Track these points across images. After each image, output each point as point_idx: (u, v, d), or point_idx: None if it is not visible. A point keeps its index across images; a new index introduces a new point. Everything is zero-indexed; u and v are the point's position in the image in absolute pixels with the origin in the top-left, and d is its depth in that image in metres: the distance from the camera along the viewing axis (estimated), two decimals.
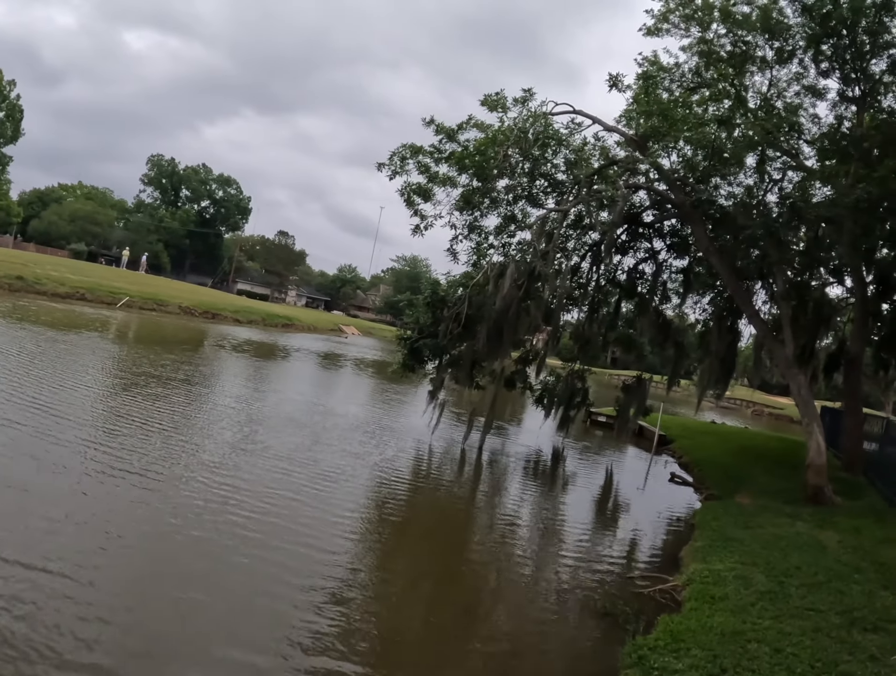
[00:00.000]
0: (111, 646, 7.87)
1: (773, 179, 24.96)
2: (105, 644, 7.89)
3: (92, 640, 7.90)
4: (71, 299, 54.28)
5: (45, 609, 8.27)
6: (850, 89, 23.35)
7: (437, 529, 15.95)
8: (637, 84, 24.53)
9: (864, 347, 27.70)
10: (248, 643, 8.74)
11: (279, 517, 13.42)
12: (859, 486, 23.26)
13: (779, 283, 23.53)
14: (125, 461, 14.88)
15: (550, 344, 28.15)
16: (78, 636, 7.93)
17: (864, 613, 10.55)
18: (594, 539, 17.33)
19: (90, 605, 8.67)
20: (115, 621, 8.42)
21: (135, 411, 20.03)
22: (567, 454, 29.13)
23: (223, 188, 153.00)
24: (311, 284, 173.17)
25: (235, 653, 8.41)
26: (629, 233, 28.83)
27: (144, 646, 8.08)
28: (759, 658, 8.77)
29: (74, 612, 8.38)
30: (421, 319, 25.27)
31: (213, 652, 8.41)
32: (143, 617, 8.71)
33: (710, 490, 23.19)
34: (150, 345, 38.92)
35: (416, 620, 10.55)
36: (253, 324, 71.75)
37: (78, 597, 8.74)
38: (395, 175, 25.19)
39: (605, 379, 77.15)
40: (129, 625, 8.43)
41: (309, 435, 21.97)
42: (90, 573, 9.45)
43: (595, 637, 10.92)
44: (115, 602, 8.90)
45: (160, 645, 8.20)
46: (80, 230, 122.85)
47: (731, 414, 70.59)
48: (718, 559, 13.44)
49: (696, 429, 39.71)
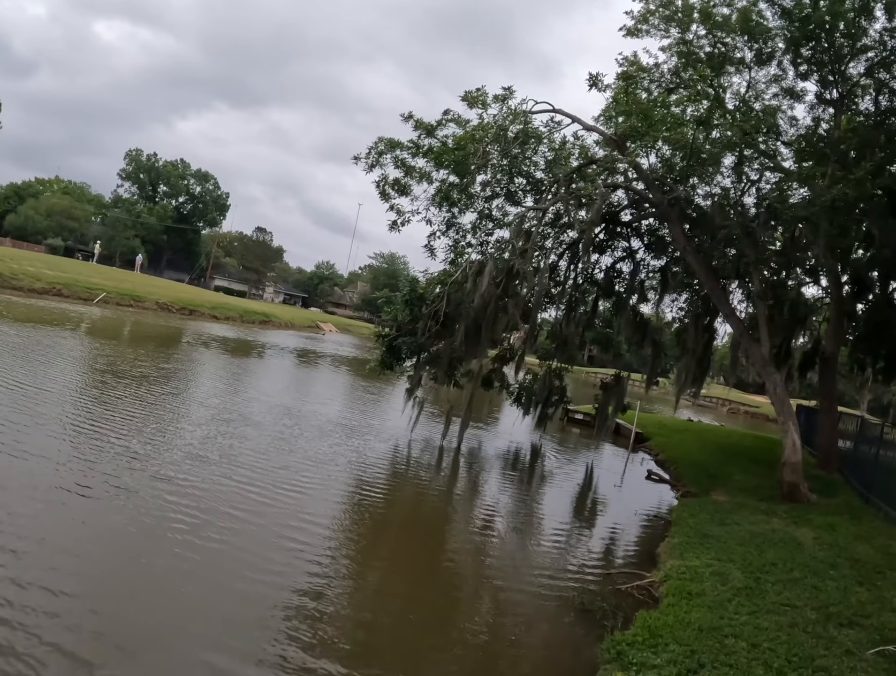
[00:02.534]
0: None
1: (751, 180, 25.09)
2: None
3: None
4: (47, 294, 53.70)
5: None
6: (827, 92, 23.55)
7: (415, 526, 15.98)
8: (616, 84, 24.60)
9: (840, 346, 27.94)
10: (223, 643, 8.75)
11: (252, 514, 13.41)
12: (834, 484, 23.48)
13: (755, 282, 23.69)
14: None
15: (528, 342, 28.17)
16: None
17: (839, 608, 10.69)
18: (572, 536, 17.42)
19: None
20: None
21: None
22: (545, 451, 29.23)
23: (201, 184, 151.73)
24: (289, 280, 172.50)
25: (212, 655, 8.41)
26: (607, 232, 28.93)
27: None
28: (736, 652, 8.87)
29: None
30: (399, 316, 25.21)
31: (186, 654, 8.40)
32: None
33: (686, 488, 23.35)
34: (124, 342, 38.64)
35: (394, 617, 10.54)
36: (230, 321, 71.38)
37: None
38: (371, 168, 25.21)
39: (583, 377, 77.41)
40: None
41: (284, 432, 21.90)
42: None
43: (573, 632, 10.97)
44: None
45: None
46: (56, 225, 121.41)
47: (707, 412, 71.03)
48: (695, 555, 13.55)
49: (673, 427, 39.92)
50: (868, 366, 32.94)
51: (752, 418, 74.08)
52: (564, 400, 30.68)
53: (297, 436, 21.68)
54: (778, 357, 25.48)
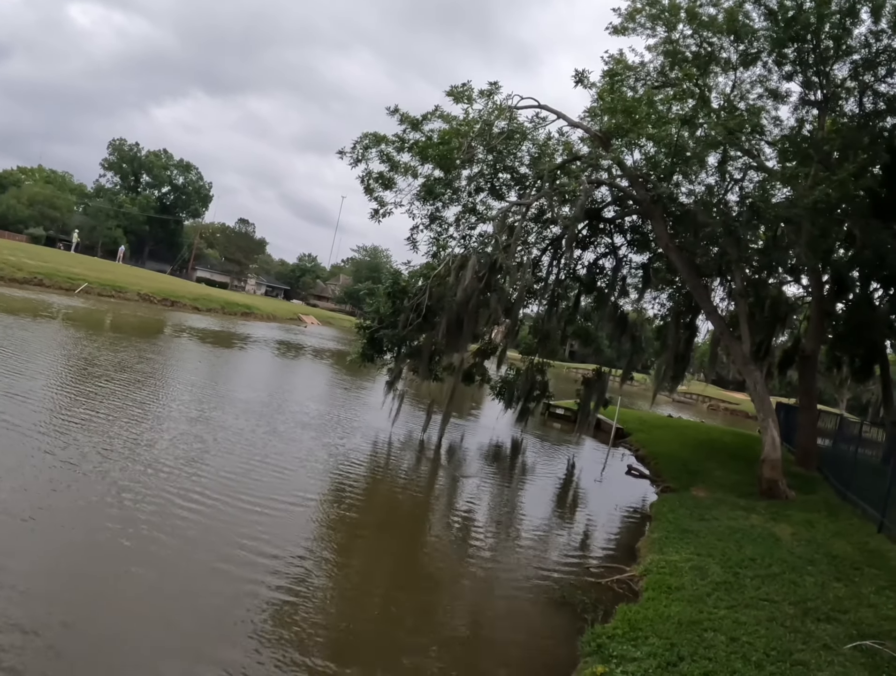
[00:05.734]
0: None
1: (734, 179, 25.26)
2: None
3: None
4: (28, 284, 53.26)
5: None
6: (812, 93, 23.76)
7: (395, 520, 15.99)
8: (602, 81, 24.67)
9: (820, 345, 28.18)
10: (203, 638, 8.80)
11: (227, 506, 13.44)
12: (813, 481, 23.70)
13: (737, 280, 23.87)
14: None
15: (510, 337, 28.22)
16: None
17: (817, 603, 10.82)
18: (552, 530, 17.52)
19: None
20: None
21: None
22: (526, 445, 29.31)
23: (184, 174, 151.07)
24: (271, 272, 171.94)
25: (191, 649, 8.46)
26: (590, 228, 29.00)
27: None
28: (715, 646, 8.96)
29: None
30: (381, 309, 25.15)
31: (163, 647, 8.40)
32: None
33: (666, 483, 23.49)
34: (103, 334, 38.39)
35: (374, 611, 10.59)
36: (212, 312, 71.02)
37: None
38: (357, 163, 25.16)
39: (564, 372, 77.44)
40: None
41: (263, 425, 21.90)
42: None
43: (554, 626, 11.05)
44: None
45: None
46: (38, 215, 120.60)
47: (687, 409, 71.29)
48: (675, 550, 13.67)
49: (653, 423, 40.12)
50: (845, 364, 33.22)
51: (732, 415, 74.38)
52: (546, 395, 30.76)
53: (273, 431, 21.48)
54: (758, 355, 25.68)
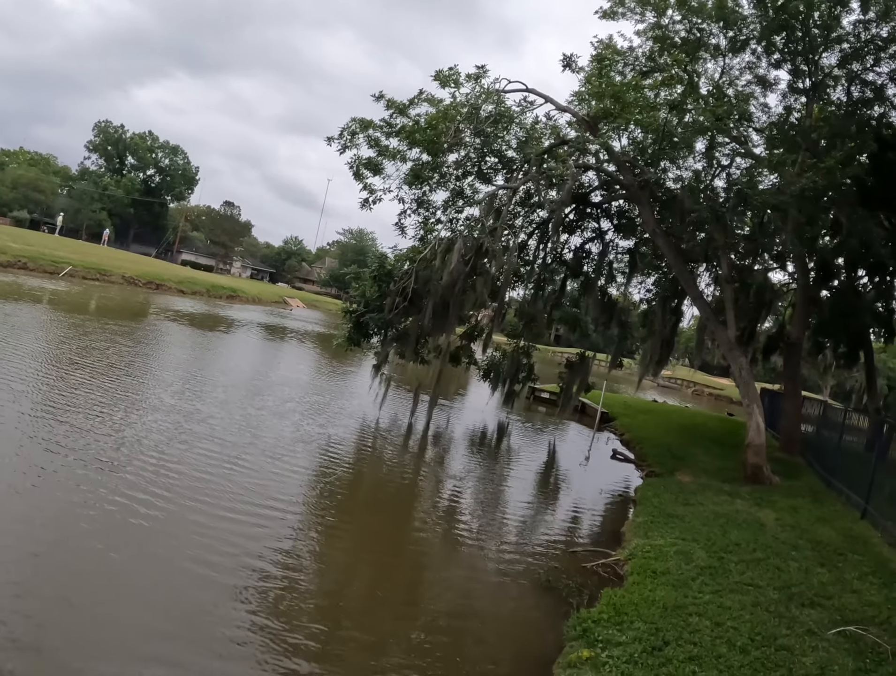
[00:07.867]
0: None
1: (722, 165, 25.26)
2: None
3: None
4: (12, 267, 52.75)
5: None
6: (800, 81, 23.78)
7: (382, 504, 15.98)
8: (590, 65, 24.60)
9: (804, 331, 28.29)
10: (192, 618, 8.79)
11: (215, 496, 13.35)
12: (797, 466, 23.85)
13: (723, 266, 23.91)
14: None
15: (496, 320, 28.21)
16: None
17: (801, 589, 10.91)
18: (537, 514, 17.57)
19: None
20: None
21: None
22: (511, 429, 29.36)
23: (169, 157, 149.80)
24: (257, 255, 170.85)
25: (184, 628, 8.44)
26: (577, 212, 29.01)
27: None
28: (700, 631, 9.02)
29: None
30: (367, 292, 25.15)
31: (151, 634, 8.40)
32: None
33: (651, 468, 23.56)
34: (86, 317, 38.16)
35: (361, 594, 10.63)
36: (197, 295, 70.75)
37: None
38: (345, 149, 25.04)
39: (549, 356, 77.48)
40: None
41: (249, 409, 21.86)
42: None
43: (539, 609, 11.10)
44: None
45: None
46: (22, 198, 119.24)
47: (672, 394, 71.57)
48: (660, 534, 13.72)
49: (638, 408, 40.21)
50: (829, 351, 33.38)
51: (717, 401, 74.69)
52: (532, 378, 30.80)
53: (260, 415, 21.40)
54: (742, 340, 25.73)
